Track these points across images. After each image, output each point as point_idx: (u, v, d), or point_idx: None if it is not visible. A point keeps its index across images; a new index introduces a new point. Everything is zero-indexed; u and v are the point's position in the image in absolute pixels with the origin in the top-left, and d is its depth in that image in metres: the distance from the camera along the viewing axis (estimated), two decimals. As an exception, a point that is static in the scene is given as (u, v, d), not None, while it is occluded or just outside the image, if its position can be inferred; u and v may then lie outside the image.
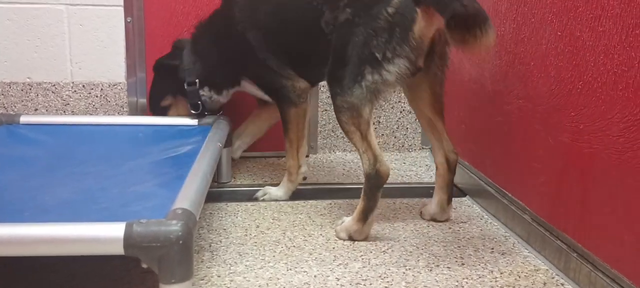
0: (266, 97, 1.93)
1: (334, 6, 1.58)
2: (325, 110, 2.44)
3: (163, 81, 2.04)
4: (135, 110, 2.28)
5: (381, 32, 1.48)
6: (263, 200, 1.89)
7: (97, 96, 2.26)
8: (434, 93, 1.67)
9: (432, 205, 1.76)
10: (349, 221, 1.60)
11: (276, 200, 1.88)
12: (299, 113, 1.84)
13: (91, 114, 2.26)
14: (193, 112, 1.98)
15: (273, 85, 1.84)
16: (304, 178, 1.94)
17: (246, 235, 1.61)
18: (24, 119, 1.94)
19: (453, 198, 1.81)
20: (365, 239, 1.59)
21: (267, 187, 1.93)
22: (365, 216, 1.56)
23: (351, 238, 1.58)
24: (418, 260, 1.48)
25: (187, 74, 1.93)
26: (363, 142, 1.53)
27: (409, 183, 2.14)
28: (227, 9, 1.87)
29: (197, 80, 1.93)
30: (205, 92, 1.96)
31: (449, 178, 1.72)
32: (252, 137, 2.17)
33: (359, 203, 1.56)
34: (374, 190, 1.54)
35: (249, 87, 1.95)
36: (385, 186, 2.03)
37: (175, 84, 1.98)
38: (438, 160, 1.72)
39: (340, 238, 1.59)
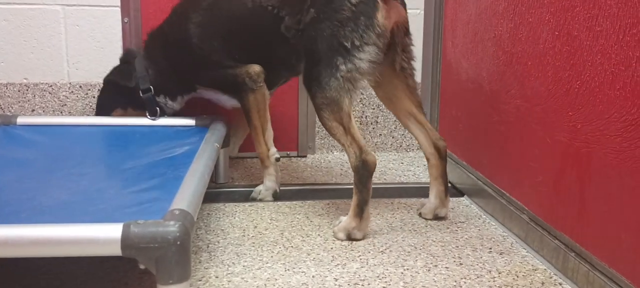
0: (224, 101, 1.94)
1: (295, 10, 1.63)
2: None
3: (112, 95, 2.03)
4: (132, 111, 2.27)
5: (346, 21, 1.53)
6: (260, 200, 1.89)
7: (94, 97, 2.25)
8: (408, 86, 1.72)
9: (431, 200, 1.76)
10: (346, 220, 1.60)
11: (268, 195, 1.89)
12: (257, 98, 1.83)
13: (88, 115, 2.26)
14: (150, 118, 1.97)
15: (227, 80, 1.84)
16: (277, 159, 1.91)
17: (244, 235, 1.61)
18: (21, 120, 1.94)
19: (451, 198, 1.82)
20: (364, 237, 1.59)
21: (258, 187, 1.92)
22: (361, 210, 1.57)
23: (350, 238, 1.58)
24: (416, 260, 1.48)
25: (141, 81, 1.94)
26: (347, 136, 1.56)
27: (407, 183, 2.14)
28: (178, 20, 1.89)
29: (151, 87, 1.94)
30: (160, 99, 1.97)
31: (443, 166, 1.74)
32: (245, 132, 2.17)
33: (353, 200, 1.57)
34: (364, 180, 1.56)
35: (205, 93, 1.96)
36: (383, 186, 2.04)
37: (124, 97, 1.99)
38: (428, 151, 1.74)
39: (339, 239, 1.59)
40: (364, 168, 1.55)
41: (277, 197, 1.90)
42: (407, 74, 1.70)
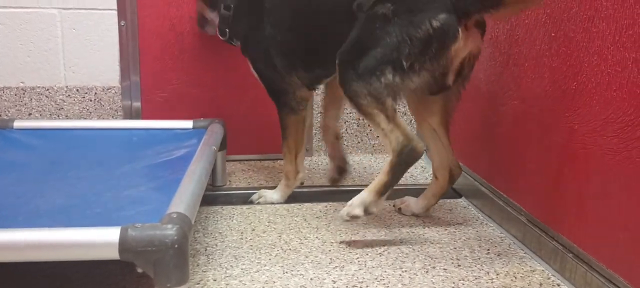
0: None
1: None
2: (320, 112, 2.44)
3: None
4: (129, 114, 2.27)
5: (417, 42, 1.40)
6: (258, 203, 1.88)
7: (91, 100, 2.25)
8: (446, 108, 1.64)
9: (417, 204, 1.77)
10: (363, 195, 1.52)
11: (272, 203, 1.87)
12: (298, 120, 1.82)
13: (85, 118, 2.25)
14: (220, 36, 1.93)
15: (275, 88, 1.82)
16: (302, 183, 1.94)
17: (242, 238, 1.61)
18: (17, 124, 1.93)
19: (449, 200, 1.82)
20: (377, 212, 1.54)
21: (262, 190, 1.92)
22: (384, 189, 1.51)
23: (366, 212, 1.51)
24: (414, 262, 1.48)
25: (221, 20, 1.91)
26: (389, 123, 1.46)
27: (404, 184, 2.14)
28: None
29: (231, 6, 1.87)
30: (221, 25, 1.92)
31: (447, 189, 1.72)
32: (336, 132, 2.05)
33: (379, 177, 1.51)
34: (403, 166, 1.49)
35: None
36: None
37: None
38: (439, 171, 1.69)
39: (354, 215, 1.51)
40: (408, 155, 1.47)
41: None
42: (453, 97, 1.62)
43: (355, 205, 1.53)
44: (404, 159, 1.48)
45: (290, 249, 1.55)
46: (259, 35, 1.78)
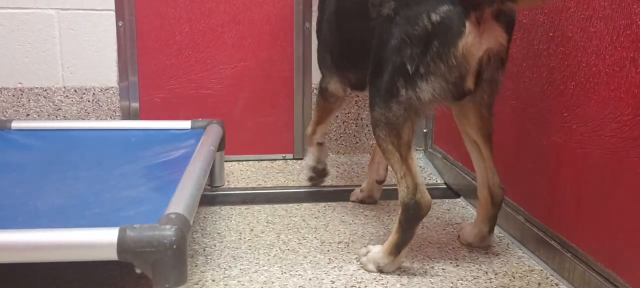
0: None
1: None
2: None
3: None
4: (127, 115, 2.27)
5: (416, 40, 1.24)
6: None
7: (89, 101, 2.25)
8: (481, 116, 1.45)
9: (470, 233, 1.58)
10: (378, 252, 1.42)
11: (308, 174, 1.99)
12: (322, 105, 1.85)
13: (83, 119, 2.25)
14: None
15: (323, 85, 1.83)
16: (319, 144, 1.96)
17: (240, 238, 1.61)
18: (15, 125, 1.93)
19: (447, 199, 1.82)
20: (393, 271, 1.43)
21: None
22: (397, 250, 1.39)
23: (381, 271, 1.41)
24: (413, 262, 1.48)
25: None
26: (402, 166, 1.34)
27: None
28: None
29: None
30: None
31: (493, 212, 1.52)
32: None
33: (392, 235, 1.40)
34: (412, 222, 1.36)
35: None
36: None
37: None
38: (480, 191, 1.52)
39: (367, 271, 1.42)
40: (415, 209, 1.34)
41: (318, 176, 1.99)
42: (483, 103, 1.43)
43: (367, 262, 1.43)
44: (411, 215, 1.36)
45: (288, 249, 1.54)
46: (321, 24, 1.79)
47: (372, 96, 1.36)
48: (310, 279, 1.38)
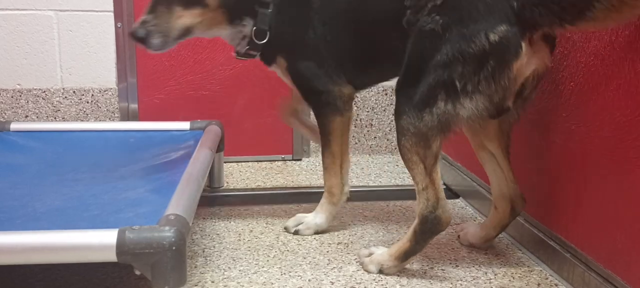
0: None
1: (417, 8, 1.31)
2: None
3: None
4: (126, 116, 2.27)
5: (470, 59, 1.22)
6: (297, 232, 1.64)
7: (87, 102, 2.25)
8: (502, 130, 1.45)
9: (476, 235, 1.57)
10: (383, 255, 1.41)
11: (316, 232, 1.64)
12: (344, 122, 1.58)
13: (82, 120, 2.25)
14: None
15: (315, 91, 1.57)
16: (347, 199, 1.67)
17: (240, 240, 1.61)
18: (14, 126, 1.93)
19: (447, 200, 1.80)
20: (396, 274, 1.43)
21: (299, 215, 1.68)
22: (406, 257, 1.39)
23: (381, 272, 1.41)
24: (412, 263, 1.48)
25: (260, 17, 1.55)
26: (425, 177, 1.32)
27: (402, 186, 2.14)
28: None
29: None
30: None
31: (508, 221, 1.50)
32: None
33: (403, 242, 1.38)
34: (427, 235, 1.35)
35: (279, 72, 1.66)
36: (379, 189, 2.03)
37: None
38: (499, 202, 1.49)
39: (368, 271, 1.42)
40: (433, 223, 1.32)
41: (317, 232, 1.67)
42: (511, 119, 1.42)
43: (369, 262, 1.43)
44: (428, 228, 1.33)
45: (288, 250, 1.54)
46: (305, 32, 1.56)
47: (400, 104, 1.32)
48: (309, 280, 1.38)
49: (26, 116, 2.23)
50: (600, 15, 1.11)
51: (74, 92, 2.24)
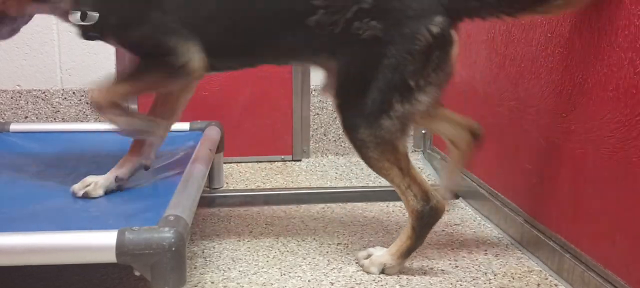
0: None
1: (338, 6, 1.25)
2: (317, 114, 2.44)
3: None
4: (126, 117, 2.26)
5: (418, 55, 1.24)
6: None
7: (87, 103, 2.24)
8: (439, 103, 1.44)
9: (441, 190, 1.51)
10: (384, 255, 1.41)
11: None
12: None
13: (82, 121, 2.25)
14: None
15: (159, 60, 1.33)
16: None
17: (239, 240, 1.61)
18: (14, 127, 1.93)
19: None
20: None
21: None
22: (408, 253, 1.40)
23: (383, 273, 1.41)
24: (412, 263, 1.48)
25: None
26: (404, 178, 1.34)
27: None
28: None
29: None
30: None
31: (471, 154, 1.50)
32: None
33: (403, 241, 1.40)
34: (427, 228, 1.37)
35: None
36: (378, 189, 2.03)
37: None
38: (458, 135, 1.49)
39: (370, 273, 1.41)
40: (430, 215, 1.34)
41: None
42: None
43: (370, 264, 1.42)
44: (426, 221, 1.36)
45: (288, 251, 1.54)
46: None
47: (350, 117, 1.30)
48: (309, 281, 1.38)
49: (26, 117, 2.23)
50: (553, 9, 1.22)
51: (73, 93, 2.24)
